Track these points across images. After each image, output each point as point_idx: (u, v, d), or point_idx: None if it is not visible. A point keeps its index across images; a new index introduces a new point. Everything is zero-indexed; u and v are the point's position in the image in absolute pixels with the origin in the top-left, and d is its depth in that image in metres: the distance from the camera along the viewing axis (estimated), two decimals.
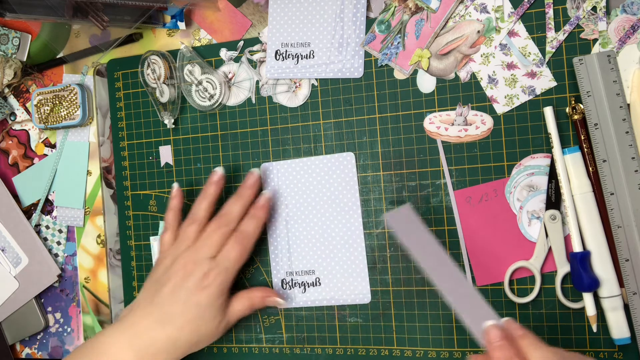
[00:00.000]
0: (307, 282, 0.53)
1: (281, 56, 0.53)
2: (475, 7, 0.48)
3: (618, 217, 0.44)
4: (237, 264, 0.49)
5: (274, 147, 0.54)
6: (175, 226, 0.52)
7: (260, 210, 0.50)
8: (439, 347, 0.50)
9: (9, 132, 0.65)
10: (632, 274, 0.44)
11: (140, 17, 0.54)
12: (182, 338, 0.47)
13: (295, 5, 0.53)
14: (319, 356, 0.53)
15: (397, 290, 0.51)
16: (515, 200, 0.48)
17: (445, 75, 0.49)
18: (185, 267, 0.48)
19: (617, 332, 0.44)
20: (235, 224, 0.50)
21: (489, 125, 0.48)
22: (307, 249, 0.53)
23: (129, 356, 0.46)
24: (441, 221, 0.50)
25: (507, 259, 0.48)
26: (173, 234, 0.52)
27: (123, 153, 0.59)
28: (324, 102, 0.53)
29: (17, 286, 0.62)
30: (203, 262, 0.48)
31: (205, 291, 0.47)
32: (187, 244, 0.49)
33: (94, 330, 0.61)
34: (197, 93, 0.55)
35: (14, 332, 0.63)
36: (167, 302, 0.47)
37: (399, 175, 0.51)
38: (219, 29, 0.56)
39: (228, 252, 0.48)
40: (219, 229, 0.49)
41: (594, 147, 0.45)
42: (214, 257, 0.48)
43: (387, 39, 0.50)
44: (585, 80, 0.45)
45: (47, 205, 0.63)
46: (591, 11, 0.46)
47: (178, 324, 0.47)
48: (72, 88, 0.59)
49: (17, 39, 0.62)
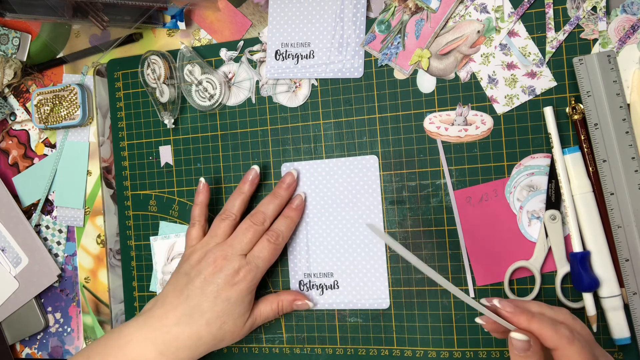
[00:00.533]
0: (325, 285, 0.53)
1: (281, 56, 0.53)
2: (475, 7, 0.48)
3: (618, 217, 0.44)
4: (268, 263, 0.49)
5: (274, 147, 0.54)
6: (202, 221, 0.52)
7: (294, 211, 0.51)
8: (439, 347, 0.50)
9: (9, 132, 0.65)
10: (632, 274, 0.44)
11: (140, 17, 0.54)
12: (207, 334, 0.47)
13: (295, 5, 0.53)
14: (319, 356, 0.53)
15: (397, 290, 0.51)
16: (515, 200, 0.48)
17: (445, 75, 0.49)
18: (215, 262, 0.48)
19: (617, 332, 0.44)
20: (269, 223, 0.50)
21: (489, 125, 0.48)
22: (327, 251, 0.52)
23: (151, 350, 0.46)
24: (441, 221, 0.50)
25: (507, 259, 0.48)
26: (200, 229, 0.52)
27: (123, 153, 0.59)
28: (324, 102, 0.53)
29: (17, 286, 0.62)
30: (234, 259, 0.48)
31: (235, 287, 0.47)
32: (217, 240, 0.50)
33: (94, 330, 0.61)
34: (197, 93, 0.55)
35: (14, 332, 0.63)
36: (196, 297, 0.47)
37: (399, 175, 0.51)
38: (219, 29, 0.56)
39: (260, 251, 0.48)
40: (252, 227, 0.49)
41: (594, 147, 0.45)
42: (245, 255, 0.48)
43: (387, 39, 0.50)
44: (585, 80, 0.45)
45: (47, 205, 0.63)
46: (591, 11, 0.46)
47: (205, 319, 0.47)
48: (72, 88, 0.59)
49: (17, 39, 0.62)
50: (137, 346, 0.46)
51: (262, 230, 0.49)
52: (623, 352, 0.46)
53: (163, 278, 0.57)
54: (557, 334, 0.36)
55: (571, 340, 0.35)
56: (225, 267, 0.47)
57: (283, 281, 0.54)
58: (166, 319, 0.47)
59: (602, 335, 0.46)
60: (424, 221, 0.50)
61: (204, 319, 0.47)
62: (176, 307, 0.47)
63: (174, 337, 0.46)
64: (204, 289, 0.47)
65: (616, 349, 0.46)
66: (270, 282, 0.55)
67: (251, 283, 0.48)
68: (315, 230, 0.53)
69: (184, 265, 0.50)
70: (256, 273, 0.48)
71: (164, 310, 0.47)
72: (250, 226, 0.49)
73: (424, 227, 0.50)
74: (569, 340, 0.35)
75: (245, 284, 0.47)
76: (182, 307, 0.47)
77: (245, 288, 0.47)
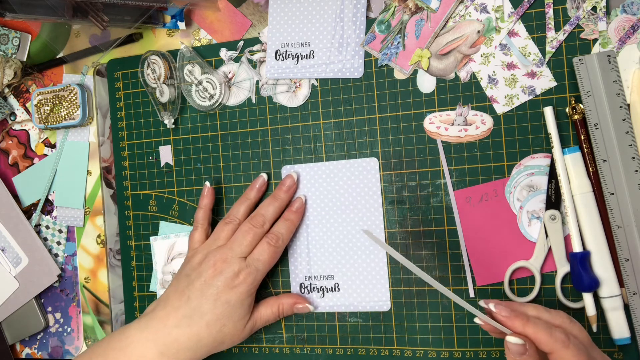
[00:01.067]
0: (325, 287, 0.52)
1: (281, 56, 0.53)
2: (475, 7, 0.48)
3: (618, 217, 0.44)
4: (268, 266, 0.49)
5: (274, 147, 0.54)
6: (206, 224, 0.53)
7: (294, 214, 0.51)
8: (439, 347, 0.50)
9: (9, 132, 0.65)
10: (632, 274, 0.44)
11: (140, 17, 0.54)
12: (207, 336, 0.47)
13: (295, 5, 0.53)
14: (319, 356, 0.53)
15: (397, 290, 0.51)
16: (515, 200, 0.48)
17: (445, 75, 0.49)
18: (215, 265, 0.48)
19: (617, 332, 0.44)
20: (269, 225, 0.50)
21: (489, 125, 0.48)
22: (327, 254, 0.52)
23: (152, 352, 0.46)
24: (441, 221, 0.50)
25: (507, 259, 0.48)
26: (203, 232, 0.52)
27: (123, 153, 0.59)
28: (324, 102, 0.53)
29: (17, 286, 0.62)
30: (234, 262, 0.48)
31: (235, 290, 0.47)
32: (219, 243, 0.50)
33: (94, 330, 0.61)
34: (197, 93, 0.55)
35: (14, 332, 0.63)
36: (196, 298, 0.47)
37: (399, 175, 0.51)
38: (219, 29, 0.56)
39: (260, 254, 0.48)
40: (252, 230, 0.49)
41: (594, 147, 0.45)
42: (245, 258, 0.48)
43: (387, 39, 0.50)
44: (585, 80, 0.45)
45: (47, 205, 0.63)
46: (591, 11, 0.46)
47: (205, 321, 0.47)
48: (72, 88, 0.59)
49: (17, 39, 0.62)
50: (138, 347, 0.46)
51: (261, 233, 0.49)
52: (623, 352, 0.46)
53: (163, 278, 0.57)
54: (552, 338, 0.36)
55: (566, 344, 0.35)
56: (225, 270, 0.47)
57: (283, 281, 0.54)
58: (167, 320, 0.47)
59: (602, 335, 0.46)
60: (424, 221, 0.50)
61: (203, 321, 0.47)
62: (177, 308, 0.47)
63: (175, 338, 0.46)
64: (204, 291, 0.47)
65: (616, 349, 0.46)
66: (271, 283, 0.55)
67: (251, 286, 0.48)
68: (315, 232, 0.53)
69: (186, 267, 0.50)
70: (256, 276, 0.48)
71: (166, 312, 0.48)
72: (250, 229, 0.49)
73: (424, 227, 0.50)
74: (564, 344, 0.35)
75: (245, 287, 0.47)
76: (182, 308, 0.47)
77: (245, 291, 0.47)
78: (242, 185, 0.55)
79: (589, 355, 0.36)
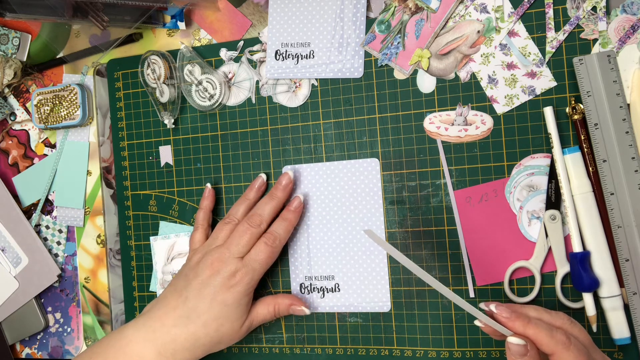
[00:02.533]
0: (326, 288, 0.52)
1: (281, 56, 0.53)
2: (475, 7, 0.48)
3: (618, 217, 0.44)
4: (265, 266, 0.49)
5: (274, 147, 0.54)
6: (206, 225, 0.53)
7: (292, 213, 0.51)
8: (439, 347, 0.50)
9: (9, 132, 0.65)
10: (632, 274, 0.44)
11: (140, 17, 0.54)
12: (204, 336, 0.47)
13: (295, 5, 0.53)
14: (319, 356, 0.53)
15: (397, 290, 0.51)
16: (515, 200, 0.48)
17: (445, 75, 0.49)
18: (212, 265, 0.48)
19: (617, 332, 0.44)
20: (266, 225, 0.50)
21: (489, 125, 0.48)
22: (327, 254, 0.52)
23: (150, 351, 0.46)
24: (441, 221, 0.50)
25: (507, 259, 0.48)
26: (203, 233, 0.53)
27: (123, 153, 0.59)
28: (324, 102, 0.53)
29: (17, 286, 0.62)
30: (231, 261, 0.48)
31: (232, 290, 0.47)
32: (218, 243, 0.50)
33: (94, 330, 0.61)
34: (197, 93, 0.55)
35: (14, 332, 0.63)
36: (193, 298, 0.47)
37: (399, 175, 0.51)
38: (219, 29, 0.56)
39: (256, 254, 0.48)
40: (249, 230, 0.49)
41: (594, 147, 0.45)
42: (242, 257, 0.48)
43: (387, 39, 0.50)
44: (585, 80, 0.45)
45: (47, 205, 0.63)
46: (591, 11, 0.46)
47: (202, 321, 0.47)
48: (72, 88, 0.59)
49: (17, 39, 0.62)
50: (136, 347, 0.46)
51: (258, 233, 0.49)
52: (623, 352, 0.46)
53: (163, 278, 0.57)
54: (553, 339, 0.36)
55: (567, 346, 0.35)
56: (222, 270, 0.47)
57: (284, 282, 0.54)
58: (166, 319, 0.47)
59: (602, 335, 0.46)
60: (424, 221, 0.50)
61: (200, 321, 0.47)
62: (175, 308, 0.47)
63: (172, 338, 0.47)
64: (201, 290, 0.47)
65: (616, 349, 0.46)
66: (271, 283, 0.55)
67: (248, 286, 0.48)
68: (316, 233, 0.53)
69: (185, 268, 0.50)
70: (253, 276, 0.48)
71: (164, 312, 0.48)
72: (247, 229, 0.49)
73: (424, 227, 0.50)
74: (565, 345, 0.35)
75: (241, 287, 0.47)
76: (180, 308, 0.47)
77: (242, 291, 0.47)
78: (242, 186, 0.55)
79: (590, 356, 0.36)
